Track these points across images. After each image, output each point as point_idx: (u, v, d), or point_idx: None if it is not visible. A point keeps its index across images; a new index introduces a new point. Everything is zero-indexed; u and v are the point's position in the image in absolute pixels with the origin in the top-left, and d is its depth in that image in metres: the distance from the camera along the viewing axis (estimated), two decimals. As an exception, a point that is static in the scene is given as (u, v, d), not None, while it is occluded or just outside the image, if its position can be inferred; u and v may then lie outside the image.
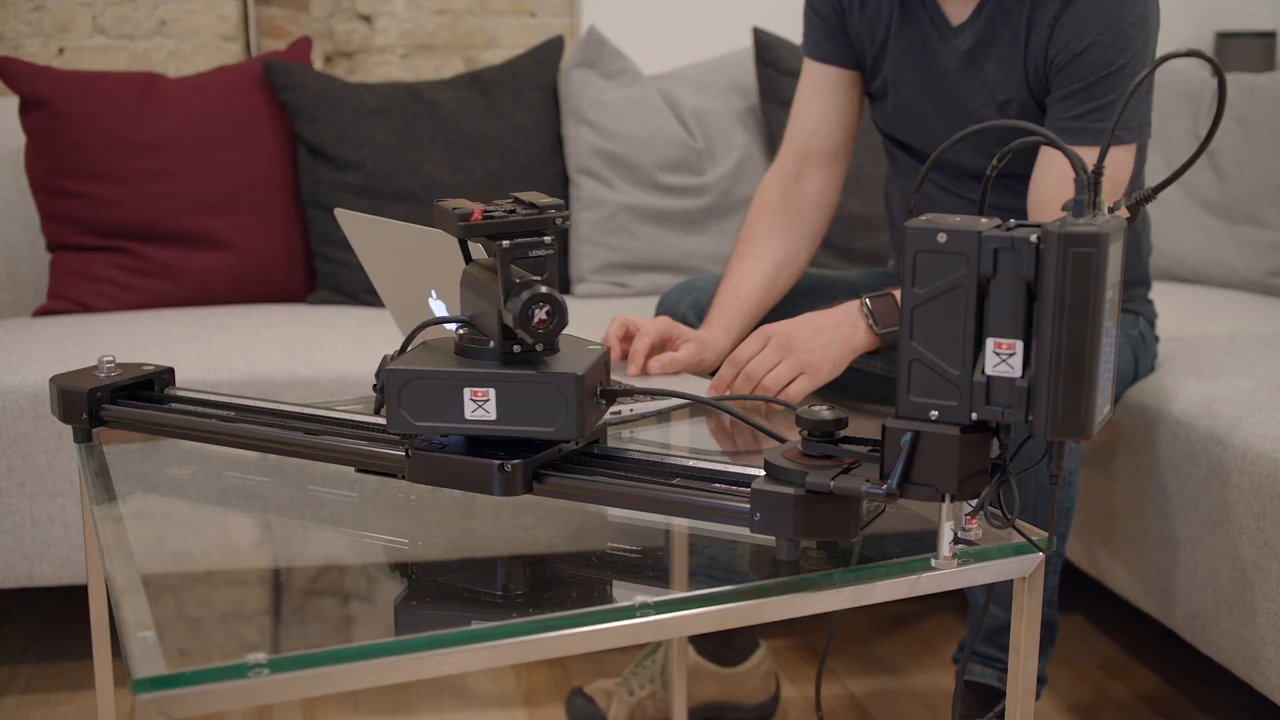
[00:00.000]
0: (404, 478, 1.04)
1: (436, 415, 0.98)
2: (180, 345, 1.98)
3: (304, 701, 1.92)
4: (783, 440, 0.99)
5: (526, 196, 1.02)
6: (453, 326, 1.06)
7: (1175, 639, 1.81)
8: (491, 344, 1.00)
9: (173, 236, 2.29)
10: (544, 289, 0.98)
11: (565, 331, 1.02)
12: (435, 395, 0.98)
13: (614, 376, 1.50)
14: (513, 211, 1.00)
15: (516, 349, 0.99)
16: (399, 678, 0.85)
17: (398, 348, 1.06)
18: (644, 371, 1.52)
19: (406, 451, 1.03)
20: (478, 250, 1.09)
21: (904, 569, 0.96)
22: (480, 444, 1.01)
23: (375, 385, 1.06)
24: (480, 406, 0.97)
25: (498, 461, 0.98)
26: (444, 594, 0.98)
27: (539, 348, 1.00)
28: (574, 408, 0.96)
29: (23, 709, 1.92)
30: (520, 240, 0.99)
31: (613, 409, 1.33)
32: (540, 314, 0.97)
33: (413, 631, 0.88)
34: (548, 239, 1.00)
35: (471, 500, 1.13)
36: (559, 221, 1.00)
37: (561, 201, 1.01)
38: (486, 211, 0.99)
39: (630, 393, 1.04)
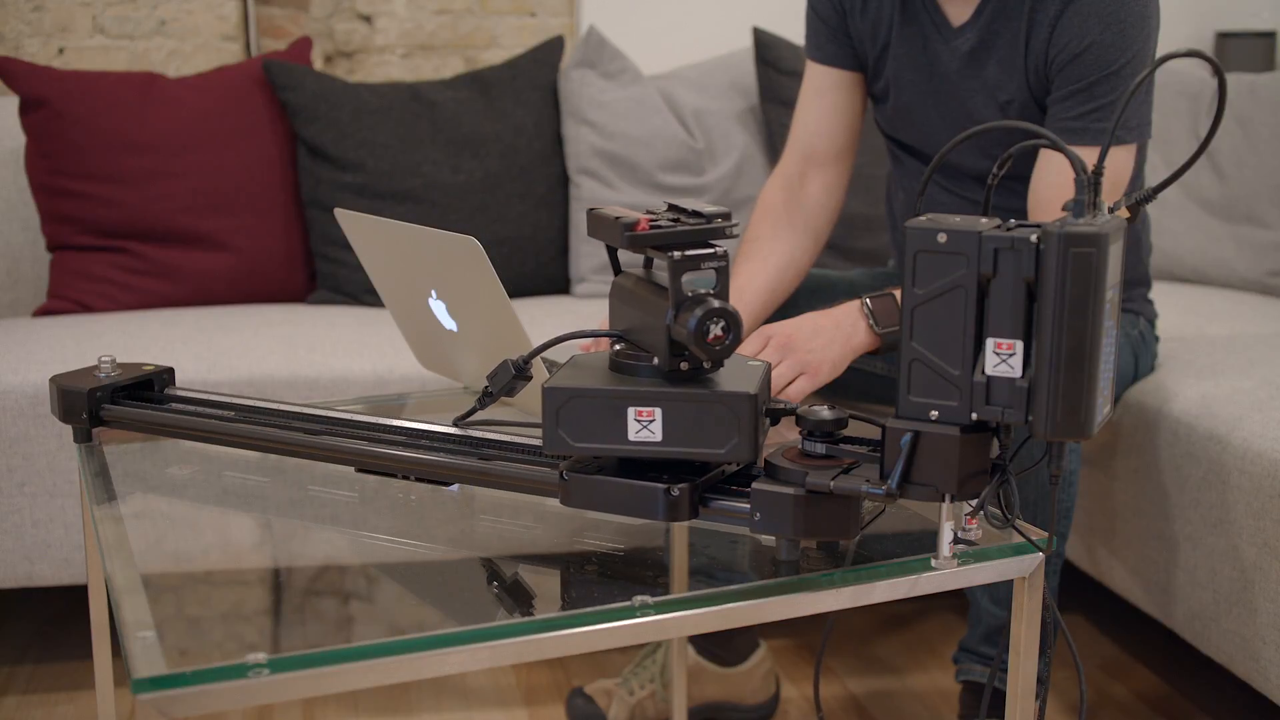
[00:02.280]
0: (405, 478, 1.04)
1: (597, 436, 0.93)
2: (180, 345, 1.98)
3: (304, 701, 1.92)
4: (878, 423, 0.95)
5: (688, 204, 0.97)
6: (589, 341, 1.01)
7: (1175, 639, 1.81)
8: (655, 360, 0.95)
9: (173, 236, 2.29)
10: (718, 303, 0.92)
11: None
12: (596, 415, 0.92)
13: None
14: (678, 220, 0.95)
15: (684, 366, 0.94)
16: (399, 678, 0.85)
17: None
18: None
19: (561, 474, 0.97)
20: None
21: (904, 569, 0.96)
22: (638, 466, 0.96)
23: (488, 389, 1.01)
24: (645, 427, 0.92)
25: (663, 486, 0.93)
26: (444, 594, 0.98)
27: (706, 365, 0.94)
28: (748, 429, 0.92)
29: (23, 709, 1.92)
30: (692, 252, 0.93)
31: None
32: (716, 330, 0.92)
33: (413, 631, 0.88)
34: (720, 249, 0.94)
35: (472, 500, 1.13)
36: (730, 232, 0.95)
37: (728, 210, 0.96)
38: (653, 221, 0.94)
39: (793, 411, 0.97)
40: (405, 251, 1.33)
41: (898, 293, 1.47)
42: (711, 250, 0.94)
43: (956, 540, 0.94)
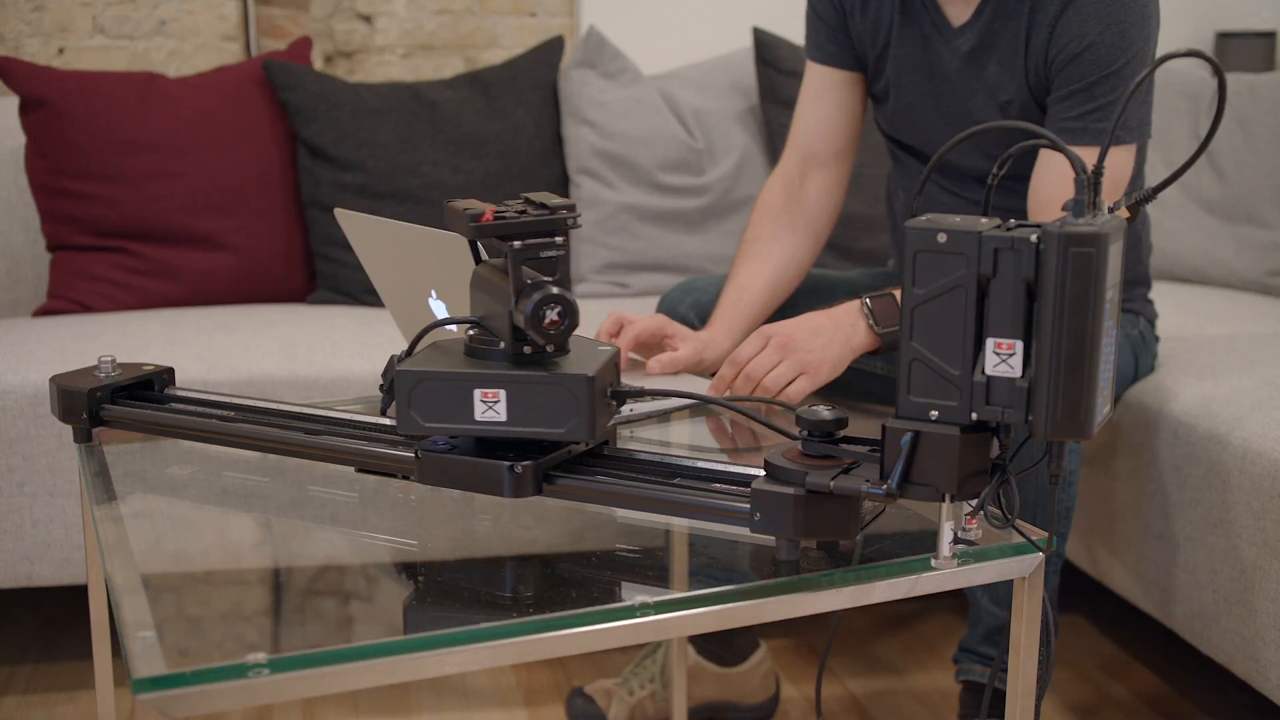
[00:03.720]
0: (405, 478, 1.04)
1: (446, 416, 0.98)
2: (180, 345, 1.98)
3: (304, 701, 1.92)
4: (792, 436, 0.98)
5: (537, 197, 1.01)
6: (458, 328, 1.06)
7: (1175, 639, 1.81)
8: (501, 345, 1.00)
9: (173, 236, 2.29)
10: (555, 290, 0.97)
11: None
12: (445, 396, 0.97)
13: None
14: (524, 212, 1.00)
15: (527, 350, 0.99)
16: (399, 678, 0.85)
17: (403, 348, 1.06)
18: (645, 368, 1.52)
19: (415, 453, 1.02)
20: (486, 251, 1.09)
21: (904, 569, 0.96)
22: (489, 445, 1.00)
23: (382, 386, 1.05)
24: (490, 408, 0.97)
25: (508, 463, 0.98)
26: (444, 594, 0.98)
27: (550, 349, 0.99)
28: (585, 409, 0.96)
29: (23, 709, 1.92)
30: (531, 241, 0.99)
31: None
32: (552, 315, 0.97)
33: (413, 631, 0.88)
34: (559, 240, 0.99)
35: (471, 500, 1.13)
36: (571, 222, 1.00)
37: (572, 203, 1.01)
38: (498, 212, 0.98)
39: (641, 394, 1.03)
40: (405, 251, 1.33)
41: (898, 293, 1.47)
42: (550, 240, 0.99)
43: (956, 540, 0.94)
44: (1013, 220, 0.89)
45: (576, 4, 2.88)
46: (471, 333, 1.03)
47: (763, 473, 0.94)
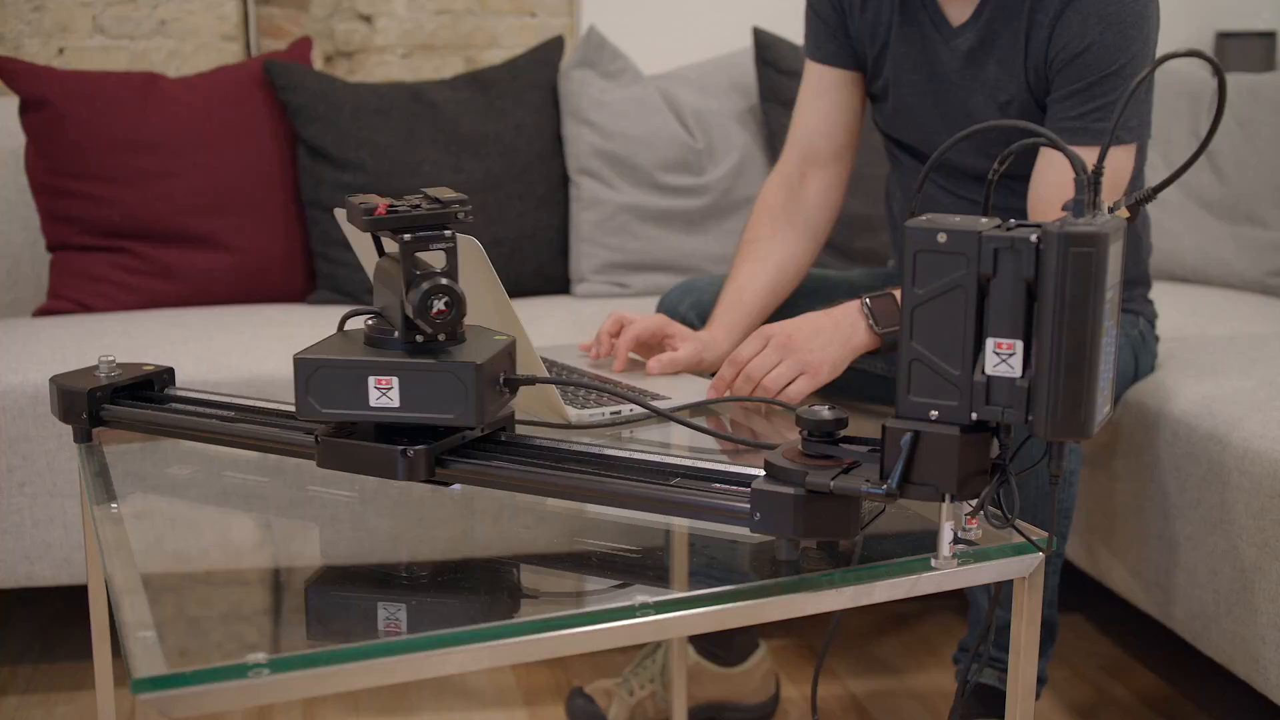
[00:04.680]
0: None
1: (343, 403, 1.02)
2: (180, 345, 1.98)
3: (304, 701, 1.92)
4: (756, 444, 0.98)
5: (434, 192, 1.05)
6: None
7: (1175, 639, 1.81)
8: (397, 334, 1.03)
9: (173, 236, 2.29)
10: (443, 281, 1.01)
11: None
12: (341, 383, 1.01)
13: (611, 376, 1.51)
14: (418, 206, 1.03)
15: (419, 339, 1.03)
16: (399, 678, 0.85)
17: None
18: (645, 368, 1.52)
19: (316, 438, 1.06)
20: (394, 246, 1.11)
21: (904, 569, 0.96)
22: (387, 431, 1.04)
23: None
24: (384, 394, 1.01)
25: (400, 447, 1.01)
26: (444, 594, 0.98)
27: (441, 337, 1.03)
28: (473, 395, 1.00)
29: (23, 709, 1.92)
30: (422, 234, 1.02)
31: (612, 409, 1.33)
32: (439, 305, 1.00)
33: (413, 631, 0.88)
34: (448, 233, 1.03)
35: (472, 500, 1.13)
36: (461, 216, 1.03)
37: (465, 197, 1.04)
38: (391, 206, 1.02)
39: (532, 381, 1.07)
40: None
41: (897, 293, 1.47)
42: (440, 233, 1.02)
43: (956, 540, 0.94)
44: (1013, 220, 0.89)
45: (576, 4, 2.88)
46: (370, 322, 1.06)
47: (763, 473, 0.94)
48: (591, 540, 1.07)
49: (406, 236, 1.02)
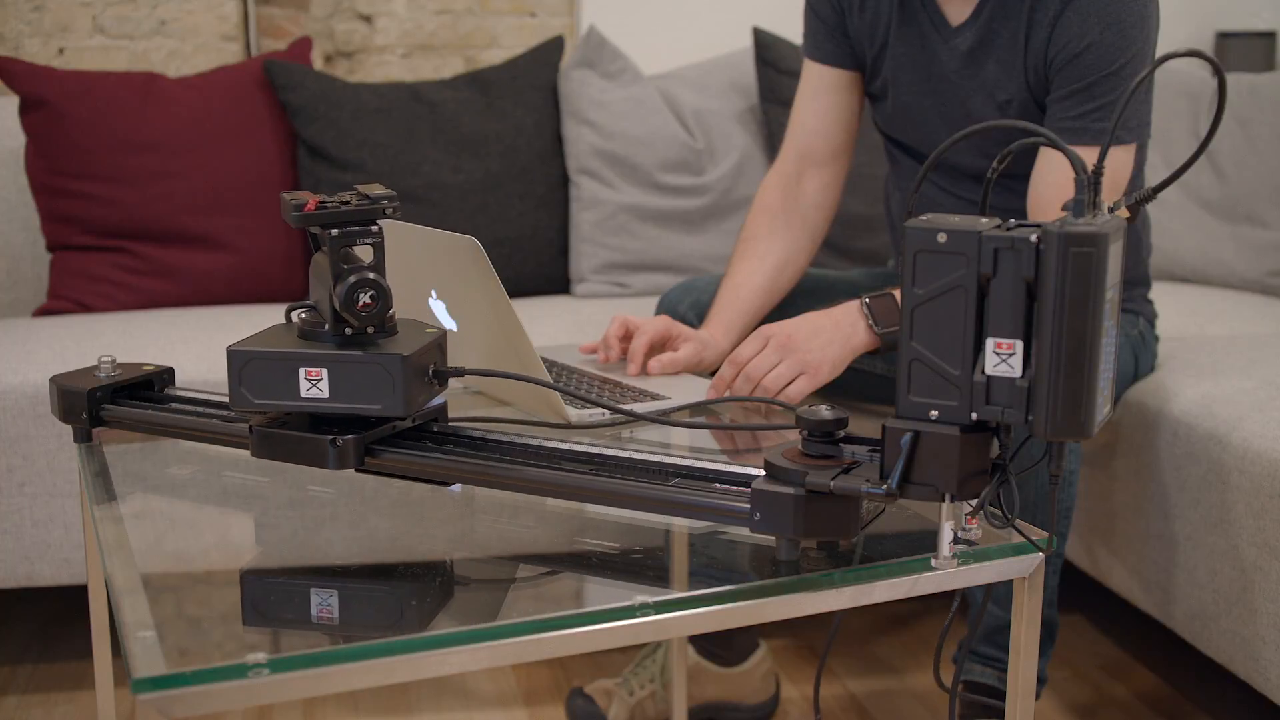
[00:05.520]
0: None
1: (275, 393, 1.04)
2: (180, 345, 1.98)
3: (304, 701, 1.92)
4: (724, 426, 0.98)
5: (365, 188, 1.07)
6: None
7: (1175, 639, 1.81)
8: (327, 326, 1.05)
9: (173, 236, 2.29)
10: (371, 275, 1.03)
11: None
12: (273, 374, 1.04)
13: (611, 376, 1.51)
14: (348, 202, 1.05)
15: (349, 331, 1.04)
16: (399, 678, 0.85)
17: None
18: (643, 371, 1.52)
19: (250, 428, 1.07)
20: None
21: (904, 569, 0.96)
22: (320, 422, 1.06)
23: None
24: (314, 385, 1.03)
25: (330, 437, 1.03)
26: (444, 594, 0.98)
27: (369, 330, 1.04)
28: (400, 386, 1.02)
29: (23, 709, 1.92)
30: (349, 229, 1.04)
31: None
32: (365, 298, 1.03)
33: (413, 631, 0.88)
34: (375, 228, 1.05)
35: (472, 500, 1.13)
36: (389, 212, 1.05)
37: (394, 193, 1.07)
38: (320, 202, 1.04)
39: (460, 374, 1.09)
40: (405, 251, 1.33)
41: (897, 293, 1.47)
42: (367, 228, 1.05)
43: (956, 540, 0.94)
44: (1013, 220, 0.89)
45: (576, 4, 2.88)
46: (303, 315, 1.08)
47: (762, 473, 0.94)
48: (591, 540, 1.07)
49: (335, 232, 1.04)
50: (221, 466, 1.22)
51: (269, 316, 2.17)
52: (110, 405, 1.24)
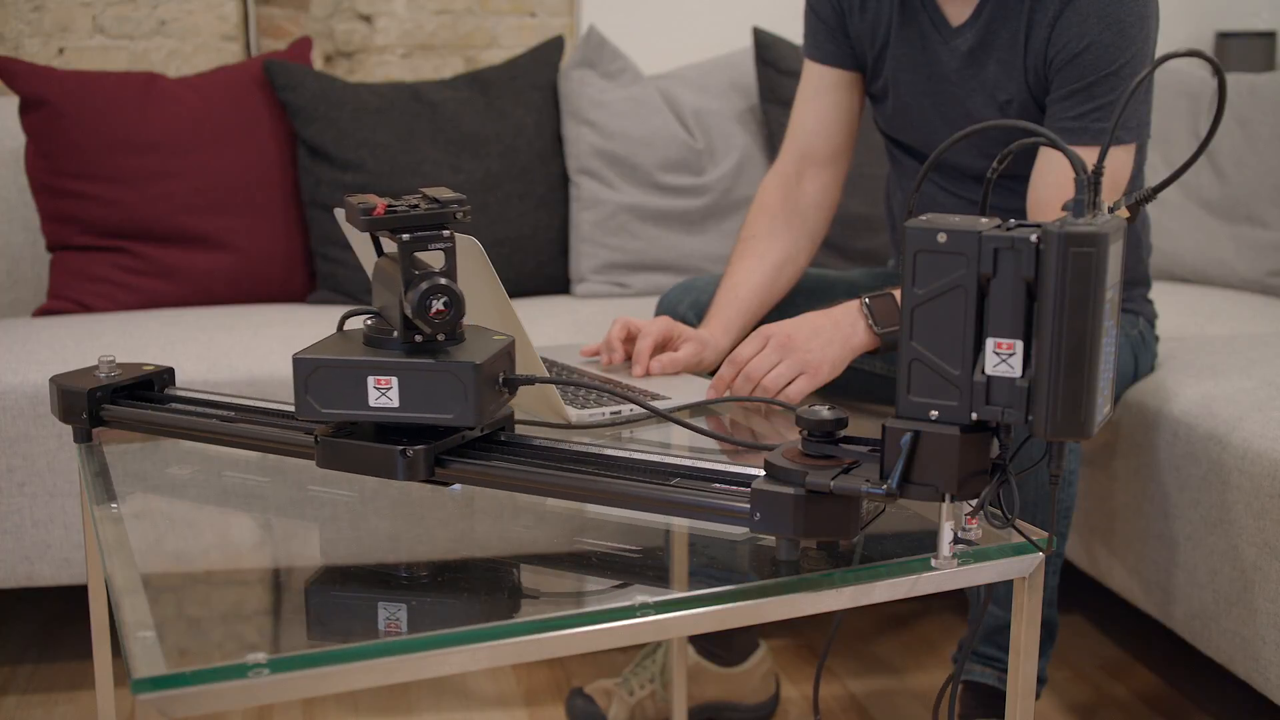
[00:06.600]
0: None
1: (342, 403, 1.02)
2: (180, 345, 1.98)
3: (304, 701, 1.92)
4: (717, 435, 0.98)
5: (433, 192, 1.05)
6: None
7: (1175, 639, 1.81)
8: (396, 334, 1.03)
9: (173, 236, 2.29)
10: (442, 280, 1.01)
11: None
12: (341, 383, 1.01)
13: (615, 377, 1.51)
14: (416, 206, 1.03)
15: (419, 339, 1.02)
16: (399, 678, 0.85)
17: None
18: (648, 372, 1.52)
19: (315, 438, 1.05)
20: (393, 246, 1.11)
21: (904, 569, 0.96)
22: (386, 431, 1.04)
23: None
24: (384, 394, 1.01)
25: (400, 447, 1.01)
26: (444, 594, 0.98)
27: (440, 337, 1.03)
28: (472, 396, 1.00)
29: (23, 709, 1.92)
30: (421, 234, 1.02)
31: (612, 409, 1.33)
32: (437, 305, 1.00)
33: (413, 631, 0.88)
34: (446, 232, 1.03)
35: (472, 500, 1.13)
36: (459, 216, 1.03)
37: (464, 197, 1.04)
38: (390, 206, 1.02)
39: (532, 381, 1.07)
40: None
41: (897, 293, 1.47)
42: (438, 233, 1.02)
43: (956, 540, 0.94)
44: (1013, 220, 0.89)
45: (576, 4, 2.88)
46: (370, 322, 1.06)
47: (763, 473, 0.94)
48: (591, 540, 1.07)
49: (405, 236, 1.02)
50: (221, 466, 1.22)
51: (269, 316, 2.17)
52: (110, 405, 1.24)
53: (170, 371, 1.30)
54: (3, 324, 2.14)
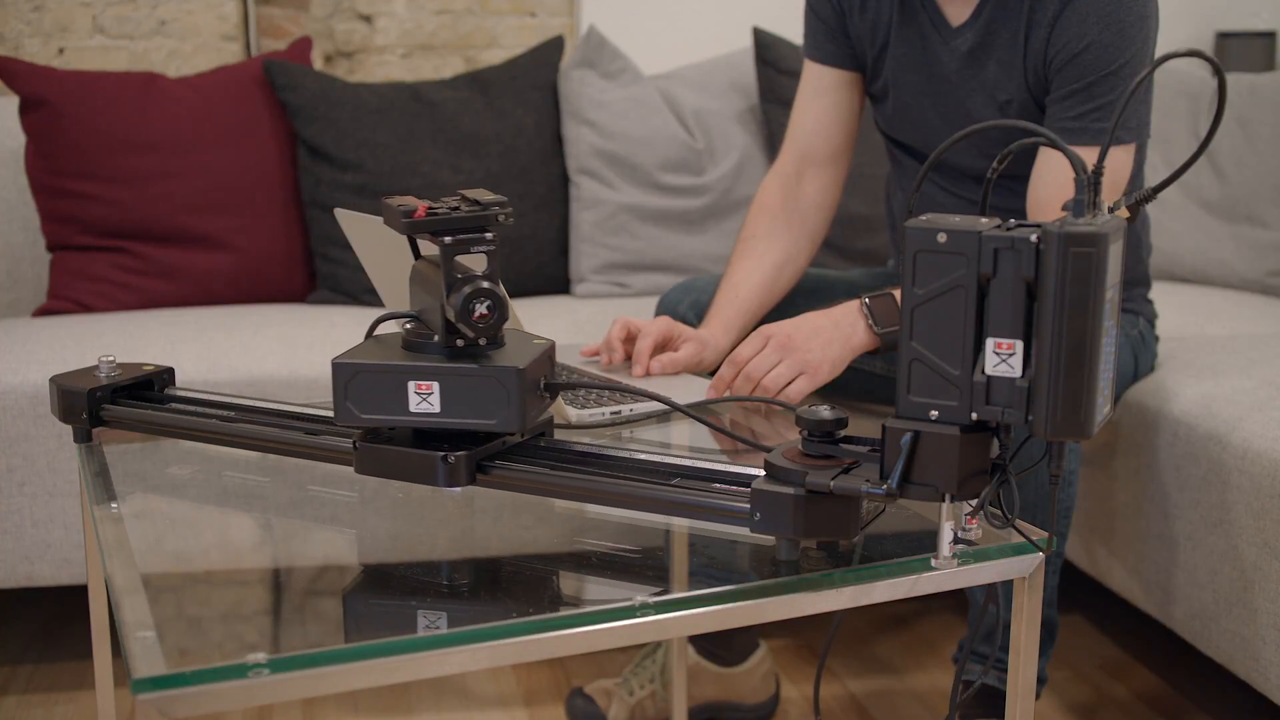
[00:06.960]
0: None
1: (382, 408, 1.00)
2: (180, 345, 1.98)
3: (304, 701, 1.92)
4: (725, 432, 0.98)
5: (472, 194, 1.03)
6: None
7: (1175, 639, 1.81)
8: (436, 338, 1.02)
9: (173, 236, 2.29)
10: (485, 284, 0.99)
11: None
12: (381, 388, 1.00)
13: (615, 377, 1.51)
14: (457, 209, 1.01)
15: (460, 343, 1.01)
16: (399, 678, 0.85)
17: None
18: (648, 372, 1.52)
19: (354, 444, 1.04)
20: (429, 248, 1.09)
21: (904, 569, 0.96)
22: (426, 436, 1.03)
23: None
24: (425, 399, 0.99)
25: (441, 453, 1.00)
26: (444, 594, 0.98)
27: (482, 342, 1.01)
28: (515, 401, 0.98)
29: (23, 709, 1.92)
30: (463, 236, 1.00)
31: (612, 409, 1.33)
32: (481, 309, 0.99)
33: (413, 631, 0.88)
34: (489, 235, 1.01)
35: (472, 500, 1.13)
36: (502, 218, 1.02)
37: (504, 199, 1.02)
38: (431, 208, 1.00)
39: (573, 386, 1.06)
40: (405, 251, 1.33)
41: (897, 293, 1.47)
42: (481, 235, 1.00)
43: (956, 540, 0.94)
44: (1013, 220, 0.89)
45: (576, 4, 2.88)
46: (409, 326, 1.05)
47: (763, 473, 0.94)
48: (591, 540, 1.07)
49: (447, 239, 0.99)
50: (221, 466, 1.22)
51: (269, 316, 2.17)
52: (110, 405, 1.24)
53: (170, 371, 1.30)
54: (3, 324, 2.14)
